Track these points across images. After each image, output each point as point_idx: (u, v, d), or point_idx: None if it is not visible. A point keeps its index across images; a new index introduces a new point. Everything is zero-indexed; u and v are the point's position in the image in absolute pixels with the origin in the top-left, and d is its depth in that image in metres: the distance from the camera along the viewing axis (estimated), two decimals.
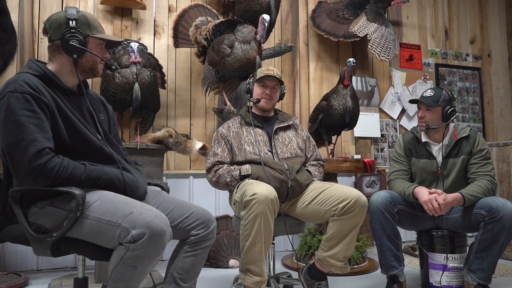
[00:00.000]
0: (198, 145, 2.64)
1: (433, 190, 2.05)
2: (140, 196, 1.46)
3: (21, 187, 1.31)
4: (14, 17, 2.81)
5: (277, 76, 2.11)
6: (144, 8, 3.14)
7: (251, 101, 2.16)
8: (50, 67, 1.43)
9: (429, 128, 2.18)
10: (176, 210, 1.50)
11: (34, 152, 1.24)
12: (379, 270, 2.17)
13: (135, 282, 1.27)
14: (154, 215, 1.24)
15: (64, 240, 1.30)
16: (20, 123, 1.26)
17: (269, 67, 2.15)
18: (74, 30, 1.39)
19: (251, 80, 2.20)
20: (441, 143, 2.19)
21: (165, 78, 3.02)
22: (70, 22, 1.39)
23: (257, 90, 2.15)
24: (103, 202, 1.28)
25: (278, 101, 2.23)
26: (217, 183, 2.03)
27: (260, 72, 2.13)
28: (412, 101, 2.26)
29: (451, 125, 2.23)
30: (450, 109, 2.15)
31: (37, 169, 1.25)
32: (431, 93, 2.18)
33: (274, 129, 2.13)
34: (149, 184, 1.66)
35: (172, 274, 1.48)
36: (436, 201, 1.98)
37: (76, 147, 1.38)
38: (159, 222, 1.23)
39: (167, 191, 1.73)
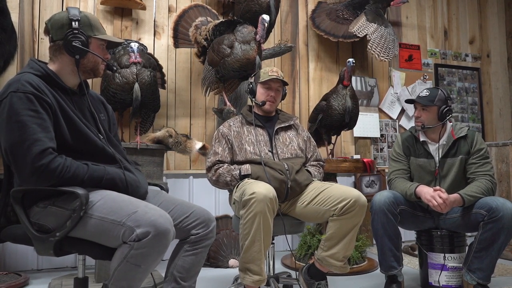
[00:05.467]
0: (198, 145, 2.65)
1: (437, 187, 2.04)
2: (141, 195, 1.47)
3: (23, 187, 1.32)
4: (14, 17, 2.81)
5: (282, 79, 2.11)
6: (144, 8, 3.14)
7: (256, 103, 2.16)
8: (51, 67, 1.44)
9: (425, 128, 2.18)
10: (177, 209, 1.50)
11: (37, 152, 1.25)
12: (379, 269, 2.18)
13: (137, 281, 1.27)
14: (159, 214, 1.25)
15: (66, 240, 1.30)
16: (23, 123, 1.26)
17: (272, 68, 2.14)
18: (76, 31, 1.39)
19: (253, 80, 2.20)
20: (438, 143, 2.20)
21: (165, 78, 3.02)
22: (73, 23, 1.39)
23: (261, 92, 2.14)
24: (106, 201, 1.29)
25: (280, 102, 2.23)
26: (217, 182, 2.04)
27: (264, 74, 2.12)
28: (408, 101, 2.27)
29: (449, 124, 2.23)
30: (446, 109, 2.15)
31: (40, 169, 1.25)
32: (427, 93, 2.19)
33: (275, 129, 2.13)
34: (149, 184, 1.66)
35: (172, 273, 1.49)
36: (440, 197, 1.98)
37: (78, 147, 1.39)
38: (163, 221, 1.23)
39: (166, 191, 1.74)
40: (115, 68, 1.57)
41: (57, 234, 1.27)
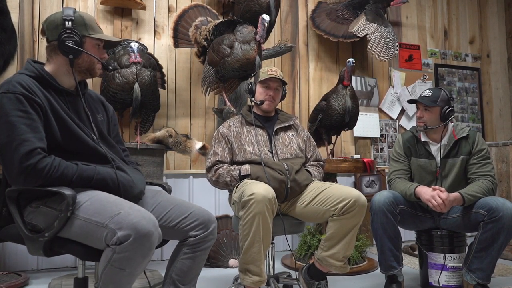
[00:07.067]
0: (198, 145, 2.65)
1: (436, 187, 2.05)
2: (136, 196, 1.44)
3: (16, 187, 1.31)
4: (14, 17, 2.82)
5: (281, 78, 2.11)
6: (144, 8, 3.14)
7: (254, 102, 2.16)
8: (48, 67, 1.44)
9: (427, 128, 2.18)
10: (175, 210, 1.47)
11: (24, 152, 1.24)
12: (378, 269, 2.18)
13: (125, 284, 1.25)
14: (141, 216, 1.21)
15: (56, 240, 1.29)
16: (11, 124, 1.26)
17: (271, 67, 2.13)
18: (70, 31, 1.39)
19: (252, 80, 2.20)
20: (439, 143, 2.20)
21: (165, 78, 3.02)
22: (66, 22, 1.39)
23: (259, 91, 2.14)
24: (93, 202, 1.27)
25: (280, 101, 2.23)
26: (217, 183, 2.04)
27: (263, 73, 2.11)
28: (410, 101, 2.27)
29: (450, 125, 2.23)
30: (448, 109, 2.15)
31: (27, 169, 1.25)
32: (429, 93, 2.19)
33: (275, 129, 2.13)
34: (151, 184, 1.65)
35: (171, 276, 1.47)
36: (440, 197, 1.98)
37: (70, 147, 1.38)
38: (145, 223, 1.19)
39: (169, 191, 1.71)
40: (110, 68, 1.56)
41: (46, 234, 1.26)
